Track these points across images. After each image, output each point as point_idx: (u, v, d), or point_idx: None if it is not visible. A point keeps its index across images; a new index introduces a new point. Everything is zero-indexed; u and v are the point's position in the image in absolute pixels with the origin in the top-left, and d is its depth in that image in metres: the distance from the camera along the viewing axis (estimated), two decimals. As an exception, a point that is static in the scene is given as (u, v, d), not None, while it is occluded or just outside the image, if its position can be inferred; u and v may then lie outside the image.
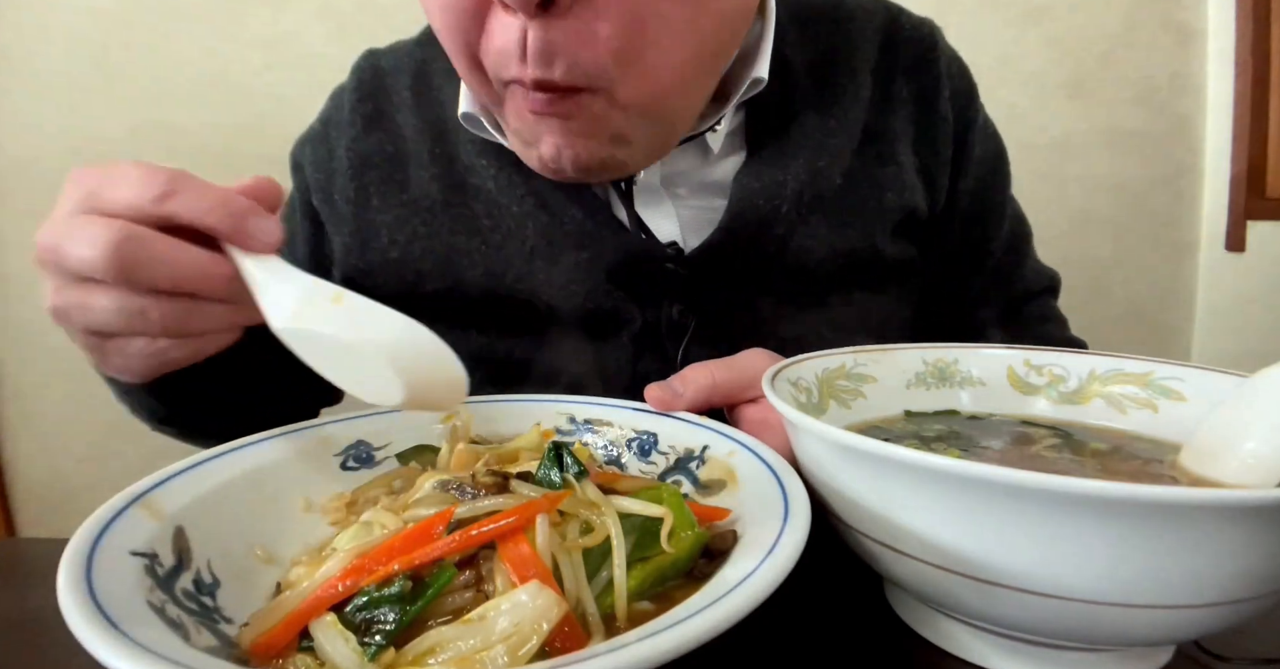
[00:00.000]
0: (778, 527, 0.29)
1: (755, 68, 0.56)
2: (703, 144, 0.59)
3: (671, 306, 0.59)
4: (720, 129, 0.59)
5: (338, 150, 0.64)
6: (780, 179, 0.58)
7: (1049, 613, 0.28)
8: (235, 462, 0.38)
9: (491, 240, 0.60)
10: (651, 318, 0.59)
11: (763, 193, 0.58)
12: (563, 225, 0.58)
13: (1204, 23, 1.55)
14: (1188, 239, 1.64)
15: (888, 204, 0.61)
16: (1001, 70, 1.55)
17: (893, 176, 0.61)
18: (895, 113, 0.63)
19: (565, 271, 0.58)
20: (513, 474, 0.35)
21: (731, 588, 0.25)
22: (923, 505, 0.29)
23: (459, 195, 0.61)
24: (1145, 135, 1.59)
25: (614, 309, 0.59)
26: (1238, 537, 0.25)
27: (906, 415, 0.46)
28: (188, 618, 0.28)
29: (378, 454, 0.44)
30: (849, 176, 0.60)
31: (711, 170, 0.60)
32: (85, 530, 0.29)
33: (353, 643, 0.27)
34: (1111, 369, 0.45)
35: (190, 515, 0.34)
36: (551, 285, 0.59)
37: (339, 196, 0.63)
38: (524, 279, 0.59)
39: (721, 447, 0.40)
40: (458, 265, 0.60)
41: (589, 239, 0.58)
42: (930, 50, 0.64)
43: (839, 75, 0.61)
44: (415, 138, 0.63)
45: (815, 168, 0.59)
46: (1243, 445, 0.34)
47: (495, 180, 0.60)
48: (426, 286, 0.61)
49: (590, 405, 0.46)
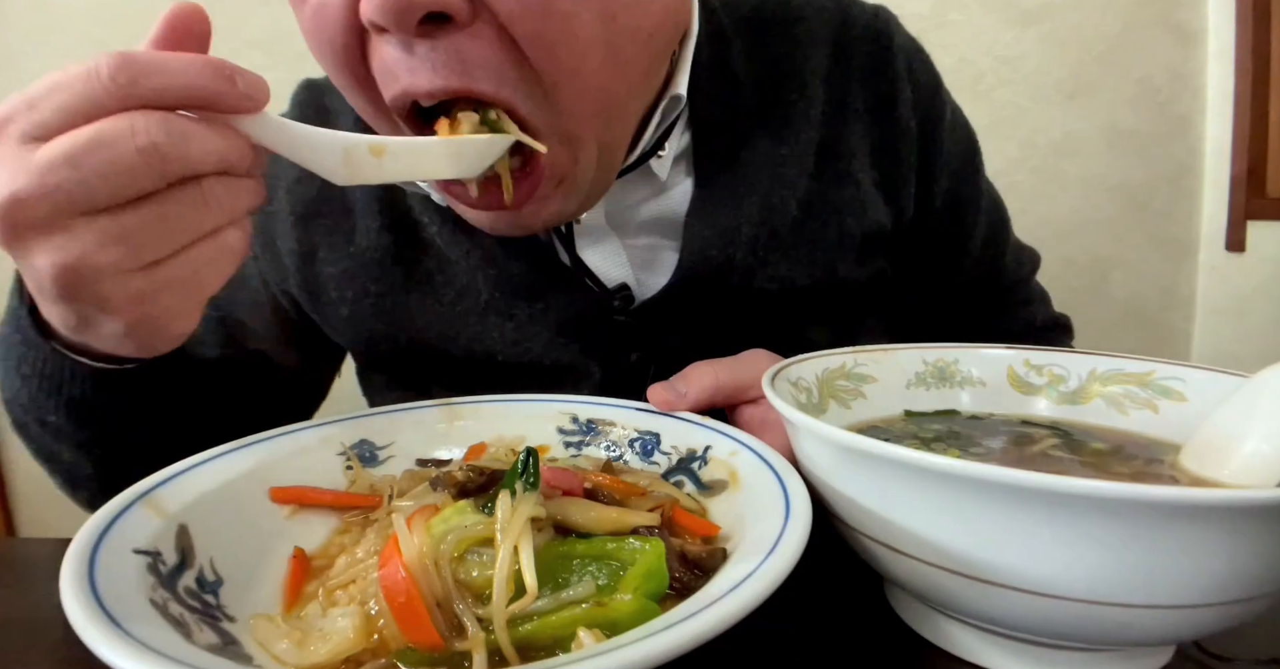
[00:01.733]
0: (779, 527, 0.29)
1: (675, 84, 0.52)
2: (647, 173, 0.55)
3: (629, 354, 0.57)
4: (665, 153, 0.54)
5: (277, 192, 0.59)
6: (734, 223, 0.55)
7: (1049, 613, 0.28)
8: (239, 460, 0.39)
9: (444, 297, 0.57)
10: (610, 365, 0.57)
11: (716, 241, 0.55)
12: (510, 278, 0.56)
13: (1204, 23, 1.55)
14: (1188, 239, 1.64)
15: (848, 229, 0.58)
16: (1001, 70, 1.55)
17: (850, 199, 0.58)
18: (850, 126, 0.59)
19: (519, 327, 0.56)
20: (488, 471, 0.35)
21: (732, 588, 0.25)
22: (923, 505, 0.29)
23: (409, 249, 0.57)
24: (1145, 135, 1.58)
25: (570, 363, 0.57)
26: (1238, 537, 0.25)
27: (906, 415, 0.46)
28: (190, 616, 0.28)
29: (380, 453, 0.44)
30: (805, 206, 0.57)
31: (659, 203, 0.57)
32: (89, 528, 0.30)
33: None
34: (1112, 369, 0.45)
35: (194, 514, 0.34)
36: (506, 341, 0.57)
37: (282, 246, 0.59)
38: (479, 339, 0.57)
39: (724, 447, 0.40)
40: (411, 325, 0.57)
41: (537, 291, 0.56)
42: (885, 49, 0.59)
43: (788, 90, 0.58)
44: (361, 186, 0.57)
45: (769, 204, 0.56)
46: (1243, 445, 0.34)
47: (440, 236, 0.57)
48: (380, 347, 0.59)
49: (593, 405, 0.46)
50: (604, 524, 0.32)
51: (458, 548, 0.30)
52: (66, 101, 0.30)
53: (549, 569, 0.29)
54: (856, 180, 0.59)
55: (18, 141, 0.30)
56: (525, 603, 0.27)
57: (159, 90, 0.30)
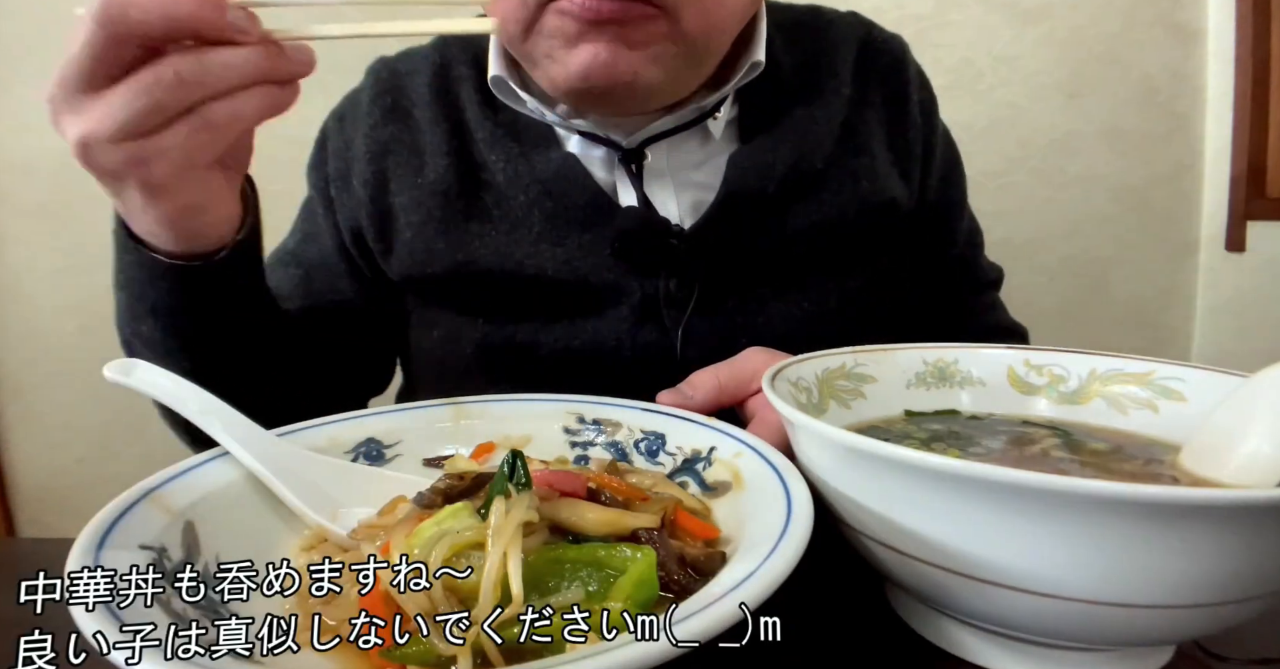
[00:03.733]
0: (780, 528, 0.29)
1: (753, 52, 0.60)
2: (704, 130, 0.64)
3: (669, 280, 0.62)
4: (720, 116, 0.63)
5: (355, 140, 0.67)
6: (769, 161, 0.62)
7: (1049, 613, 0.28)
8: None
9: (500, 227, 0.63)
10: (650, 290, 0.62)
11: (753, 172, 0.62)
12: (567, 211, 0.62)
13: (1204, 23, 1.55)
14: (1188, 239, 1.64)
15: (863, 191, 0.66)
16: (1001, 70, 1.55)
17: (866, 167, 0.66)
18: (869, 113, 0.68)
19: (569, 251, 0.62)
20: (470, 475, 0.35)
21: (733, 588, 0.25)
22: (923, 505, 0.29)
23: (472, 186, 0.64)
24: (1145, 135, 1.58)
25: (615, 282, 0.62)
26: (1237, 537, 0.25)
27: (906, 415, 0.46)
28: (193, 612, 0.28)
29: (388, 452, 0.44)
30: (829, 163, 0.65)
31: (710, 156, 0.65)
32: (95, 524, 0.30)
33: None
34: (1112, 369, 0.45)
35: (200, 511, 0.34)
36: (556, 261, 0.62)
37: (357, 181, 0.66)
38: (530, 258, 0.62)
39: (728, 448, 0.40)
40: (468, 246, 0.63)
41: (592, 220, 0.62)
42: (900, 61, 0.70)
43: (822, 76, 0.67)
44: (432, 130, 0.65)
45: (799, 152, 0.64)
46: (1243, 445, 0.34)
47: (504, 173, 0.63)
48: (436, 265, 0.64)
49: (599, 405, 0.46)
50: (603, 526, 0.32)
51: (451, 551, 0.30)
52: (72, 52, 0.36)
53: (540, 574, 0.29)
54: (873, 154, 0.67)
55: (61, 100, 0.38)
56: (511, 613, 0.27)
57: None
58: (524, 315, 0.63)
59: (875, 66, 0.69)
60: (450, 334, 0.66)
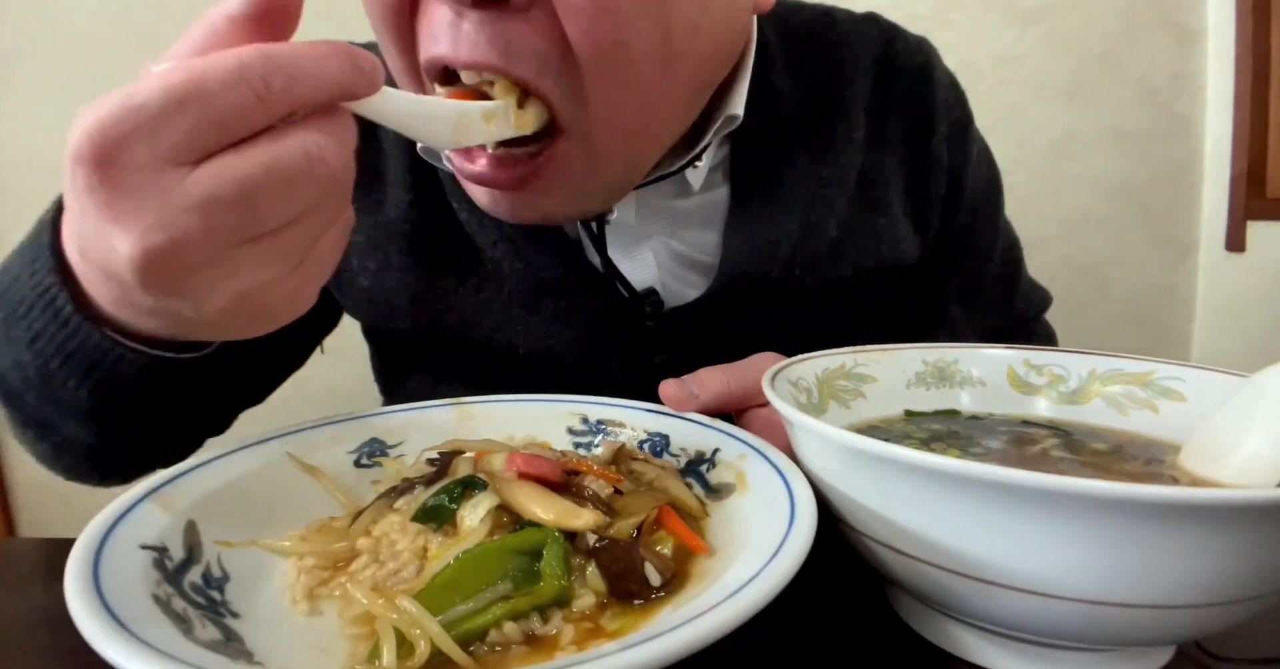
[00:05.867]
0: (783, 531, 0.29)
1: (731, 104, 0.51)
2: (681, 180, 0.55)
3: (654, 356, 0.57)
4: (701, 165, 0.54)
5: None
6: (772, 239, 0.55)
7: (1049, 613, 0.28)
8: (249, 458, 0.39)
9: (468, 282, 0.56)
10: (634, 366, 0.57)
11: (753, 256, 0.55)
12: (537, 273, 0.55)
13: (1204, 23, 1.55)
14: (1188, 239, 1.64)
15: (884, 256, 0.59)
16: (1001, 70, 1.55)
17: (886, 228, 0.59)
18: (887, 155, 0.59)
19: (544, 321, 0.56)
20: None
21: (736, 591, 0.25)
22: (923, 505, 0.29)
23: (437, 227, 0.56)
24: (1145, 135, 1.58)
25: (594, 361, 0.57)
26: (1238, 537, 0.25)
27: (906, 415, 0.46)
28: (193, 611, 0.28)
29: (391, 452, 0.44)
30: (844, 228, 0.57)
31: (690, 204, 0.57)
32: (97, 523, 0.30)
33: None
34: (1112, 369, 0.45)
35: (203, 510, 0.34)
36: (530, 335, 0.56)
37: None
38: (502, 329, 0.56)
39: (732, 450, 0.40)
40: (433, 306, 0.56)
41: (564, 289, 0.55)
42: (925, 83, 0.60)
43: (831, 113, 0.58)
44: (395, 154, 0.57)
45: (809, 223, 0.56)
46: (1243, 445, 0.34)
47: (470, 221, 0.55)
48: (400, 321, 0.57)
49: (603, 406, 0.46)
50: (548, 520, 0.32)
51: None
52: (215, 117, 0.26)
53: (473, 574, 0.30)
54: (891, 211, 0.59)
55: (153, 168, 0.26)
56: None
57: (307, 97, 0.27)
58: (502, 385, 0.52)
59: (895, 93, 0.60)
60: (422, 392, 0.58)
